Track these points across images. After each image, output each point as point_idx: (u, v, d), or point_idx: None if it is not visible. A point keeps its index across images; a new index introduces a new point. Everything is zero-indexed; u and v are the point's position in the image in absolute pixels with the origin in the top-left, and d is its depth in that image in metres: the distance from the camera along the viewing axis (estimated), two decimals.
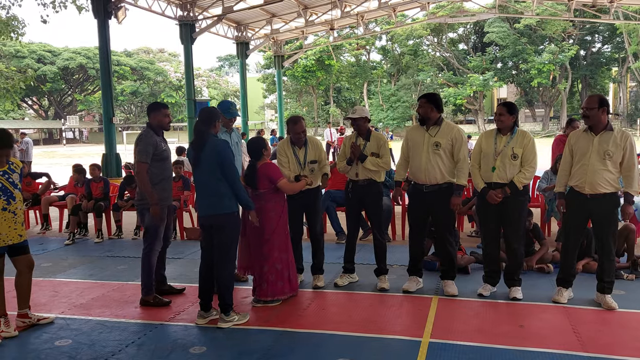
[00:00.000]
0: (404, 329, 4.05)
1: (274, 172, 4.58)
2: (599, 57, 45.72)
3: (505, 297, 4.64)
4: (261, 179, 4.55)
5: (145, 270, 4.70)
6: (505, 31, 42.21)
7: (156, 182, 4.62)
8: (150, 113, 4.76)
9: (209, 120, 4.23)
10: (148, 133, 4.69)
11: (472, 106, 46.22)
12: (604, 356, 3.49)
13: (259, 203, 4.50)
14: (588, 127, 4.36)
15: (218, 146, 4.13)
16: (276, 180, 4.54)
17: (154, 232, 4.68)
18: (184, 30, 15.25)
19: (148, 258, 4.70)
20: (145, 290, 4.72)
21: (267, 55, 42.49)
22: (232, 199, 4.15)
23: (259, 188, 4.56)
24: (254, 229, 4.50)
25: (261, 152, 4.59)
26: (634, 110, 46.10)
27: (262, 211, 4.49)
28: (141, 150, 4.57)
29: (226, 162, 4.10)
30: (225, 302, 4.15)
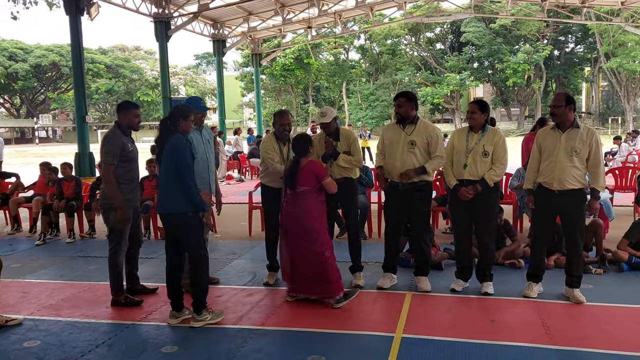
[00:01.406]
0: (377, 325, 4.07)
1: (321, 168, 4.49)
2: (572, 57, 46.62)
3: (477, 292, 4.70)
4: (306, 176, 4.40)
5: (113, 270, 4.64)
6: (481, 31, 42.74)
7: (122, 183, 4.55)
8: (120, 112, 4.68)
9: (174, 117, 4.15)
10: (115, 133, 4.60)
11: (449, 105, 46.69)
12: (572, 349, 3.57)
13: (300, 203, 4.41)
14: (555, 125, 4.45)
15: (175, 144, 4.04)
16: (323, 178, 4.42)
17: (119, 232, 4.60)
18: (159, 27, 15.06)
19: (115, 258, 4.63)
20: (115, 290, 4.65)
21: (244, 54, 42.26)
22: (185, 198, 4.02)
23: (301, 185, 4.41)
24: (298, 232, 4.42)
25: (307, 149, 4.47)
26: (605, 109, 47.14)
27: (304, 212, 4.40)
28: (107, 152, 4.50)
29: (181, 160, 3.99)
30: (199, 303, 4.11)
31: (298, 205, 4.43)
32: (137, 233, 4.88)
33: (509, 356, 3.48)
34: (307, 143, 4.50)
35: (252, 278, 5.37)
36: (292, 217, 4.48)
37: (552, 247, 5.31)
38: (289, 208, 4.50)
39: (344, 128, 5.15)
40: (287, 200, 4.54)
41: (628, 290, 4.73)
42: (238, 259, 6.16)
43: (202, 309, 4.11)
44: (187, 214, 4.04)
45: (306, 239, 4.41)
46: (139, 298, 4.73)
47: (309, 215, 4.42)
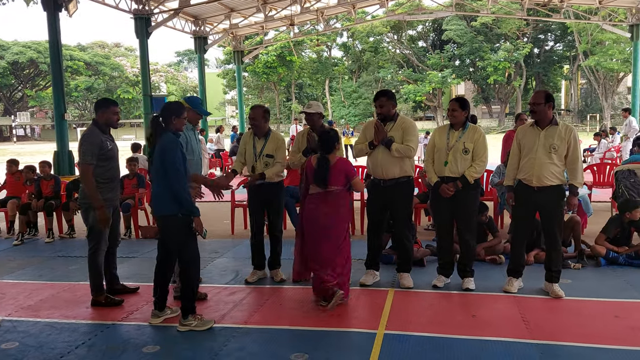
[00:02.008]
0: (359, 321, 4.08)
1: (352, 167, 4.40)
2: (551, 55, 47.26)
3: (458, 288, 4.75)
4: (338, 174, 4.27)
5: (92, 270, 4.58)
6: (463, 29, 43.09)
7: (102, 182, 4.48)
8: (99, 110, 4.59)
9: (166, 115, 4.04)
10: (93, 132, 4.51)
11: (432, 103, 47.00)
12: (551, 342, 3.62)
13: (331, 203, 4.27)
14: (535, 122, 4.50)
15: (164, 144, 3.93)
16: (353, 177, 4.32)
17: (98, 232, 4.53)
18: (139, 24, 14.88)
19: (94, 258, 4.57)
20: (95, 290, 4.59)
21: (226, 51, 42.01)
22: (173, 201, 3.89)
23: (332, 184, 4.26)
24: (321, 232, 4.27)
25: (334, 145, 4.34)
26: (584, 106, 47.93)
27: (334, 212, 4.27)
28: (86, 151, 4.41)
29: (169, 161, 3.87)
30: (185, 306, 4.01)
31: (327, 204, 4.27)
32: (115, 232, 4.82)
33: (490, 351, 3.53)
34: (333, 138, 4.36)
35: (235, 276, 5.34)
36: (318, 217, 4.29)
37: (531, 243, 5.39)
38: (315, 207, 4.32)
39: (327, 127, 5.17)
40: (312, 200, 4.35)
41: (605, 285, 4.81)
42: (220, 258, 6.12)
43: (189, 313, 4.01)
44: (175, 215, 3.91)
45: (329, 240, 4.27)
46: (119, 298, 4.68)
47: (337, 215, 4.28)
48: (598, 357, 3.41)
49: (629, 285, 4.76)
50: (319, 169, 4.29)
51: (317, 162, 4.33)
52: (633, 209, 5.47)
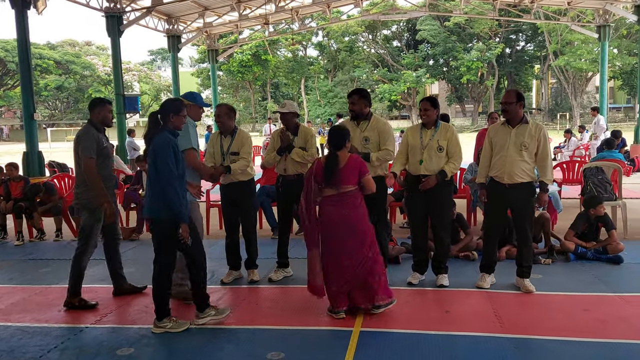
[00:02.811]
0: (335, 320, 4.09)
1: (364, 164, 4.14)
2: (522, 55, 48.16)
3: (433, 284, 4.81)
4: (351, 172, 4.03)
5: (74, 271, 4.52)
6: (436, 29, 43.58)
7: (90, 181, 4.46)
8: (94, 108, 4.58)
9: (164, 112, 3.92)
10: (89, 129, 4.52)
11: (406, 102, 47.41)
12: (522, 336, 3.70)
13: (347, 203, 4.03)
14: (506, 121, 4.60)
15: (157, 144, 3.81)
16: (365, 174, 4.07)
17: (88, 232, 4.52)
18: (111, 22, 14.61)
19: (79, 259, 4.52)
20: (71, 291, 4.52)
21: (200, 49, 41.63)
22: (162, 204, 3.80)
23: (345, 184, 4.02)
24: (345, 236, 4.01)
25: (345, 141, 4.11)
26: (554, 105, 48.99)
27: (353, 212, 4.04)
28: (86, 147, 4.41)
29: (160, 161, 3.75)
30: (155, 308, 3.95)
31: (344, 205, 4.02)
32: (114, 231, 4.80)
33: (462, 345, 3.59)
34: (344, 134, 4.14)
35: (210, 277, 5.29)
36: (337, 220, 4.04)
37: (503, 239, 5.49)
38: (334, 211, 4.05)
39: (304, 125, 5.19)
40: (329, 203, 4.07)
41: (574, 279, 4.94)
42: None
43: (163, 316, 3.94)
44: (163, 220, 3.83)
45: (354, 242, 4.02)
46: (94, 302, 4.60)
47: (358, 215, 4.06)
48: (567, 349, 3.50)
49: (597, 280, 4.90)
50: (329, 168, 4.03)
51: (326, 161, 4.06)
52: (597, 205, 5.64)
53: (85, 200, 4.48)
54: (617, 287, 4.65)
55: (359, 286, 4.06)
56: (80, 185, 4.54)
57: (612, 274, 5.08)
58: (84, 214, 4.51)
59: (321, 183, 4.09)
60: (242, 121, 51.58)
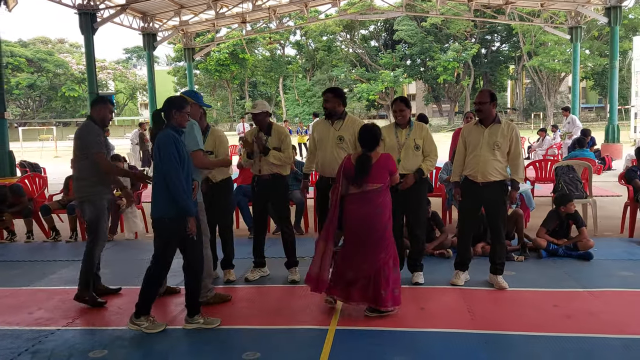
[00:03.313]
0: (312, 318, 4.12)
1: (393, 162, 4.14)
2: (498, 55, 48.85)
3: (408, 282, 4.85)
4: (381, 171, 4.02)
5: (86, 263, 4.51)
6: (413, 29, 43.91)
7: (93, 175, 4.47)
8: (96, 105, 4.59)
9: (166, 109, 3.87)
10: (92, 125, 4.51)
11: (384, 102, 47.67)
12: (494, 332, 3.77)
13: (372, 201, 4.01)
14: (479, 120, 4.67)
15: (159, 140, 3.76)
16: (394, 173, 4.12)
17: (95, 226, 4.51)
18: (84, 19, 14.35)
19: (91, 252, 4.53)
20: (82, 285, 4.50)
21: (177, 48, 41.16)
22: (167, 203, 3.73)
23: (373, 182, 4.00)
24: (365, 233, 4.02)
25: (378, 142, 4.08)
26: (528, 105, 49.80)
27: (377, 211, 4.02)
28: (92, 142, 4.43)
29: (164, 158, 3.69)
30: (138, 306, 3.89)
31: (365, 204, 4.01)
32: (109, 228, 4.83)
33: (436, 342, 3.64)
34: (376, 134, 4.09)
35: None
36: (357, 218, 4.04)
37: (477, 237, 5.58)
38: (357, 208, 4.04)
39: (277, 124, 5.17)
40: (353, 200, 4.06)
41: (546, 276, 5.04)
42: None
43: (142, 313, 3.88)
44: (162, 219, 3.79)
45: (372, 241, 4.02)
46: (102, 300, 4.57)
47: (382, 214, 4.04)
48: (536, 344, 3.57)
49: (568, 276, 5.01)
50: (360, 167, 4.00)
51: (358, 161, 4.03)
52: (567, 202, 5.77)
53: (87, 194, 4.49)
54: (586, 283, 4.76)
55: (362, 284, 4.03)
56: (82, 179, 4.52)
57: (582, 270, 5.20)
58: (87, 207, 4.49)
59: (350, 181, 4.07)
60: (220, 120, 51.22)
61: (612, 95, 16.43)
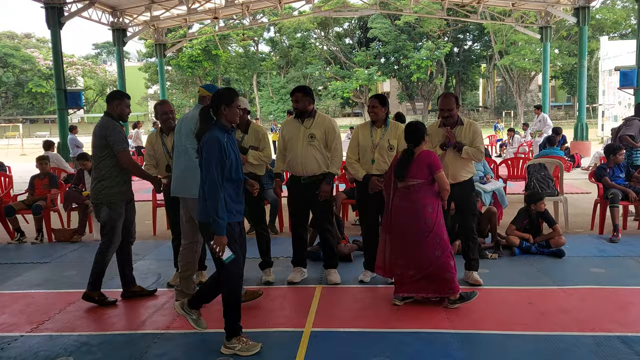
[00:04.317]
0: (286, 320, 4.04)
1: (436, 159, 4.13)
2: (470, 54, 49.51)
3: (384, 282, 4.81)
4: (421, 167, 4.05)
5: (98, 264, 4.38)
6: (387, 28, 44.14)
7: (115, 175, 4.33)
8: (113, 101, 4.42)
9: (214, 104, 3.46)
10: (111, 121, 4.35)
11: (359, 99, 47.82)
12: (469, 331, 3.75)
13: (413, 197, 4.09)
14: (442, 123, 4.71)
15: (202, 142, 3.38)
16: (437, 170, 4.06)
17: (111, 228, 4.35)
18: (51, 13, 13.93)
19: (103, 254, 4.38)
20: (91, 284, 4.38)
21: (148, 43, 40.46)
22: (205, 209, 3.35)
23: (412, 177, 4.06)
24: (410, 229, 4.11)
25: (423, 138, 4.12)
26: (500, 103, 50.61)
27: (419, 206, 4.08)
28: (116, 139, 4.28)
29: (204, 160, 3.32)
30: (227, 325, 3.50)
31: (408, 199, 4.11)
32: (130, 229, 4.62)
33: (413, 342, 3.60)
34: (420, 130, 4.13)
35: (157, 279, 5.14)
36: (403, 213, 4.13)
37: (453, 235, 5.57)
38: (399, 203, 4.16)
39: (254, 123, 5.07)
40: (398, 195, 4.17)
41: (520, 273, 5.07)
42: (142, 260, 5.86)
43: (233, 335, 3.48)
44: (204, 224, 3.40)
45: (417, 237, 4.09)
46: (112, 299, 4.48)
47: (424, 209, 4.08)
48: (511, 343, 3.57)
49: (541, 273, 5.05)
50: (401, 161, 4.12)
51: (401, 155, 4.16)
52: (537, 201, 5.83)
53: (106, 197, 4.33)
54: (559, 280, 4.80)
55: (426, 278, 4.13)
56: (103, 180, 4.33)
57: (555, 267, 5.26)
58: (105, 211, 4.34)
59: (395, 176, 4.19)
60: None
61: (580, 94, 16.78)
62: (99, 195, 4.35)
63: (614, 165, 6.64)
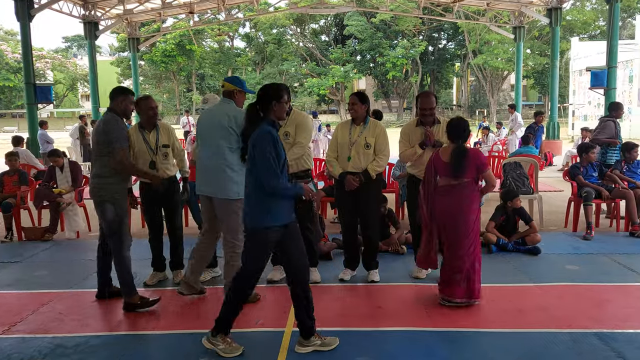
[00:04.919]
0: (267, 320, 4.00)
1: (484, 157, 4.20)
2: (444, 53, 49.98)
3: (364, 280, 4.82)
4: (470, 165, 4.07)
5: (122, 268, 4.16)
6: (363, 25, 44.19)
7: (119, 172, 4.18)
8: (117, 97, 4.24)
9: (265, 100, 3.39)
10: (115, 118, 4.19)
11: (335, 97, 47.82)
12: (449, 329, 3.78)
13: (458, 194, 4.10)
14: (420, 121, 4.72)
15: (255, 138, 3.27)
16: (485, 169, 4.12)
17: (119, 227, 4.16)
18: (20, 5, 13.49)
19: (121, 254, 4.17)
20: (127, 291, 4.17)
21: (121, 37, 39.73)
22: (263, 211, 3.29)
23: (464, 176, 4.09)
24: (451, 227, 4.13)
25: (469, 132, 4.23)
26: (473, 102, 51.28)
27: (464, 205, 4.10)
28: (119, 136, 4.11)
29: (257, 157, 3.23)
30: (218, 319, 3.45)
31: (453, 196, 4.11)
32: None
33: (394, 341, 3.61)
34: (466, 125, 4.21)
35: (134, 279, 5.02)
36: (445, 210, 4.16)
37: None
38: (444, 200, 4.16)
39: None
40: (441, 192, 4.18)
41: (497, 271, 5.13)
42: None
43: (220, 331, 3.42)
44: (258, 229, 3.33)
45: (459, 233, 4.12)
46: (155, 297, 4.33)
47: (468, 208, 4.12)
48: (489, 340, 3.61)
49: (518, 271, 5.12)
50: (457, 159, 4.08)
51: (454, 152, 4.11)
52: (513, 198, 5.93)
53: (109, 193, 4.15)
54: (536, 278, 4.88)
55: (459, 278, 4.14)
56: (103, 177, 4.16)
57: (531, 264, 5.34)
58: (109, 208, 4.14)
59: (444, 174, 4.16)
60: (166, 113, 49.84)
61: (552, 94, 17.11)
62: (102, 192, 4.16)
63: (587, 164, 6.78)
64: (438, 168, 4.24)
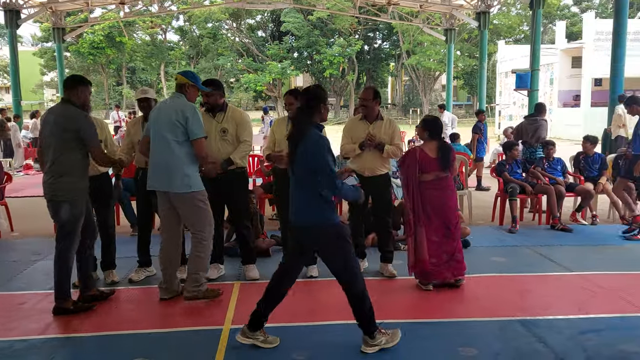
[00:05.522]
0: (205, 319, 3.95)
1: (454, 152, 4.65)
2: (379, 52, 51.01)
3: (303, 275, 4.83)
4: (454, 157, 4.52)
5: (62, 271, 3.90)
6: (300, 22, 44.25)
7: (80, 170, 3.96)
8: (77, 86, 3.96)
9: (314, 104, 3.33)
10: (81, 112, 3.92)
11: (272, 93, 47.60)
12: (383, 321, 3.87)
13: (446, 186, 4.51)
14: (364, 116, 4.83)
15: (308, 143, 3.24)
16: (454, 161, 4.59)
17: (73, 228, 3.92)
18: None
19: (65, 257, 3.92)
20: (60, 296, 3.92)
21: (44, 27, 37.55)
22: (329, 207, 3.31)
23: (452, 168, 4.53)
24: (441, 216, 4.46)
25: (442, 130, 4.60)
26: (407, 101, 52.70)
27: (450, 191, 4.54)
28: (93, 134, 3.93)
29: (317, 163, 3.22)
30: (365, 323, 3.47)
31: (447, 188, 4.51)
32: (91, 226, 4.22)
33: (331, 334, 3.67)
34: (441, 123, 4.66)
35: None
36: (437, 202, 4.46)
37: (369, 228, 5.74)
38: (436, 193, 4.46)
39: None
40: (430, 187, 4.46)
41: None
42: (43, 260, 5.44)
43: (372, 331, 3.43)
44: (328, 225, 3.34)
45: (450, 220, 4.49)
46: None
47: (452, 197, 4.57)
48: (422, 330, 3.76)
49: None
50: (445, 154, 4.44)
51: (442, 149, 4.45)
52: None
53: (69, 192, 3.89)
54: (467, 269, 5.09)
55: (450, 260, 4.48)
56: (66, 175, 3.88)
57: None
58: (66, 208, 3.88)
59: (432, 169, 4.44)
60: (95, 107, 47.69)
61: (480, 94, 17.91)
62: (60, 192, 3.91)
63: (512, 161, 7.17)
64: (425, 164, 4.47)
